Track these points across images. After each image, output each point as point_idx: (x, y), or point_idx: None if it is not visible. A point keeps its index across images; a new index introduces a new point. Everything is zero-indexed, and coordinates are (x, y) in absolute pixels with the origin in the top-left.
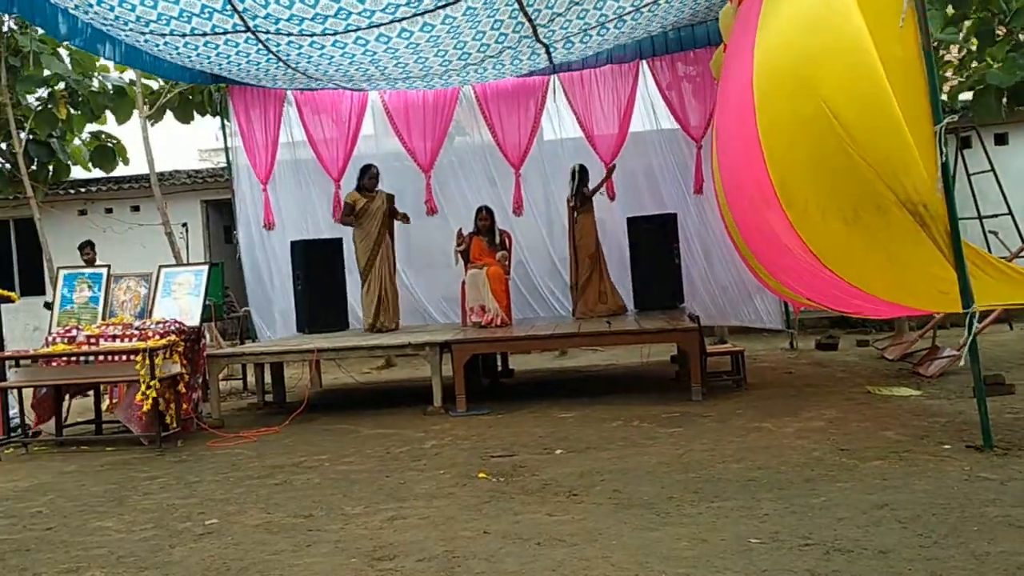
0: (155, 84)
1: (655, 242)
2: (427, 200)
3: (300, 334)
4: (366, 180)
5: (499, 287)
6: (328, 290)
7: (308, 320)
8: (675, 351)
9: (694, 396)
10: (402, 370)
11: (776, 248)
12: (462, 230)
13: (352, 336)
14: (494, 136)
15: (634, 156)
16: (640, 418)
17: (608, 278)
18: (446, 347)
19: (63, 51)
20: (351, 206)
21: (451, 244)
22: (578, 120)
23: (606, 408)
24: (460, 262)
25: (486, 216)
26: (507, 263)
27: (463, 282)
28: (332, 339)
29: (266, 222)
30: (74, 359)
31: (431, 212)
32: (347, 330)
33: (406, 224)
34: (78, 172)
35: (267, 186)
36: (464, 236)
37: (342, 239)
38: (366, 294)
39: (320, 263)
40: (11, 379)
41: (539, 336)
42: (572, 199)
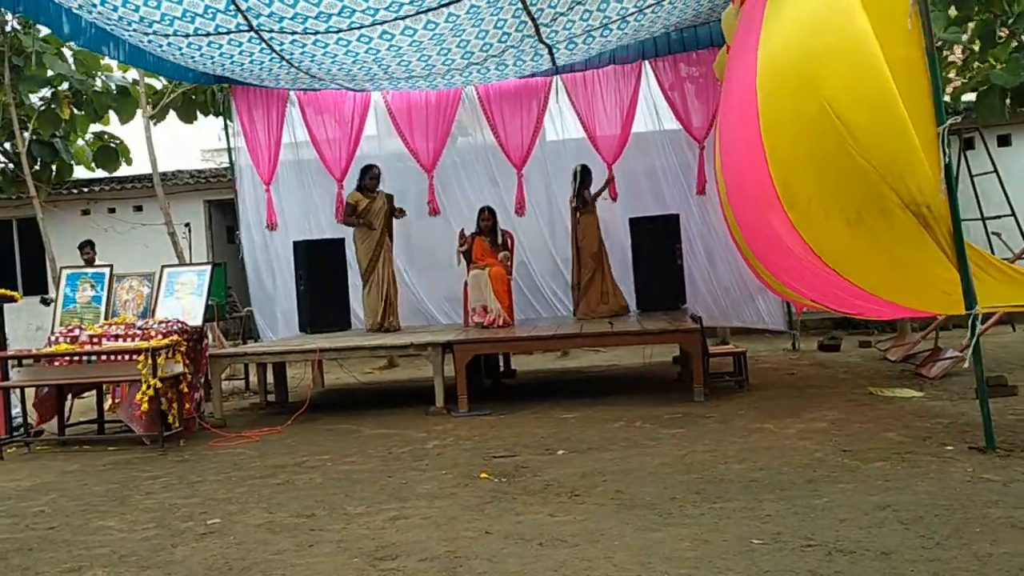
0: (158, 84)
1: (657, 243)
2: (429, 200)
3: (302, 334)
4: (367, 180)
5: (501, 287)
6: (330, 290)
7: (310, 320)
8: (677, 352)
9: (696, 397)
10: (404, 370)
11: (779, 249)
12: (464, 230)
13: (354, 336)
14: (496, 136)
15: (636, 157)
16: (642, 419)
17: (611, 278)
18: (448, 347)
19: (66, 51)
20: (353, 206)
21: (453, 244)
22: (580, 121)
23: (608, 409)
24: (462, 262)
25: (488, 216)
26: (509, 263)
27: (465, 282)
28: (334, 339)
29: (269, 222)
30: (76, 359)
31: (433, 212)
32: (349, 330)
33: (402, 219)
34: (81, 172)
35: (270, 186)
36: (466, 236)
37: (344, 239)
38: (368, 295)
39: (322, 263)
40: (14, 378)
41: (541, 337)
42: (574, 200)
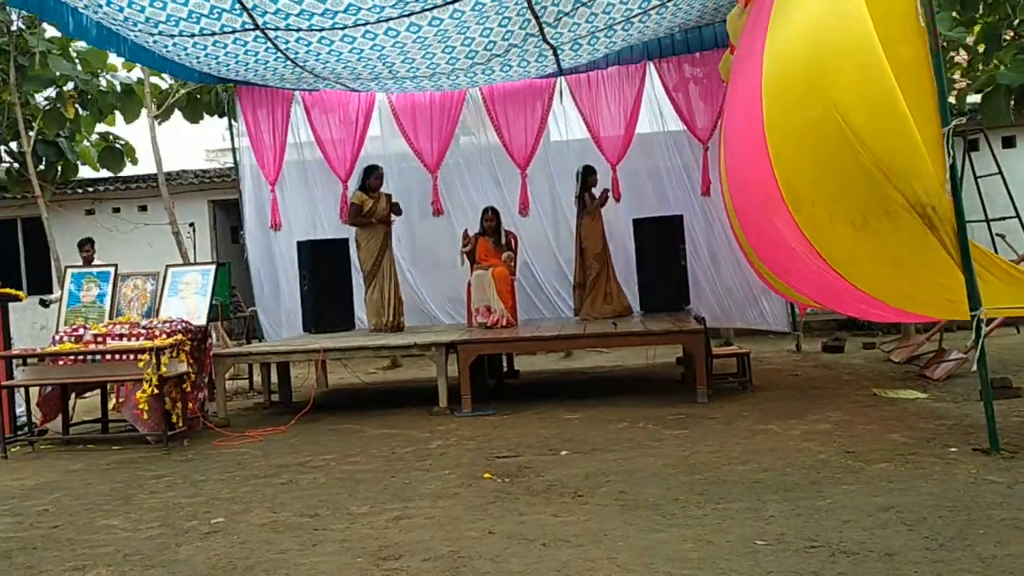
0: (164, 83)
1: (661, 244)
2: (433, 201)
3: (306, 334)
4: (372, 180)
5: (505, 288)
6: (334, 290)
7: (314, 320)
8: (681, 353)
9: (700, 398)
10: (407, 370)
11: (783, 251)
12: (468, 231)
13: (358, 336)
14: (500, 137)
15: (640, 158)
16: (646, 420)
17: (615, 279)
18: (452, 348)
19: (71, 51)
20: (359, 207)
21: (457, 245)
22: (584, 121)
23: (612, 409)
24: (466, 263)
25: (492, 217)
26: (513, 264)
27: (469, 283)
28: (338, 339)
29: (273, 222)
30: (81, 358)
31: (437, 213)
32: (353, 330)
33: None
34: (86, 171)
35: (275, 187)
36: (470, 237)
37: (348, 239)
38: (371, 295)
39: (326, 263)
40: (18, 377)
41: (545, 337)
42: (577, 200)
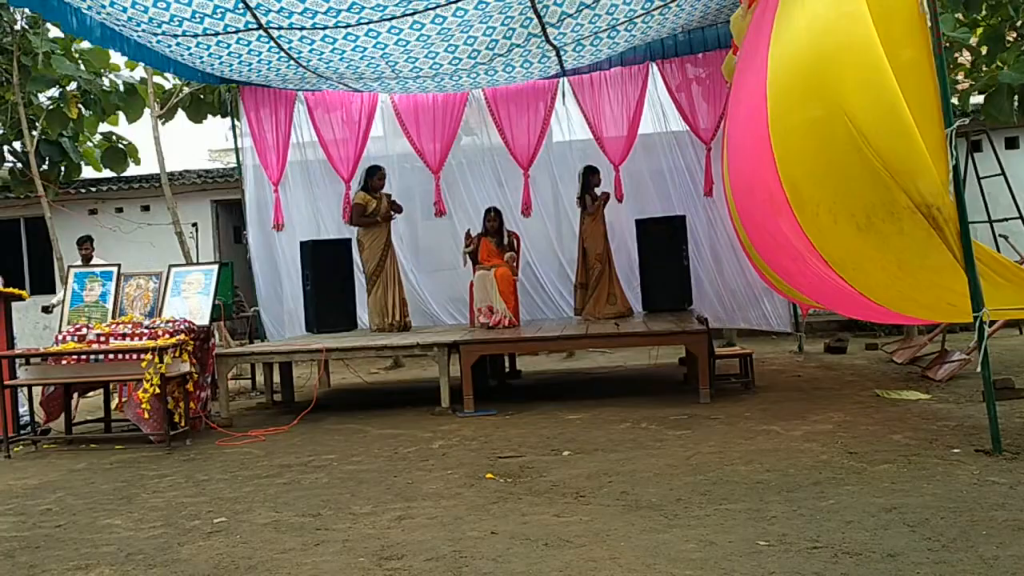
0: (167, 83)
1: (664, 244)
2: (436, 201)
3: (309, 334)
4: (375, 180)
5: (507, 288)
6: (337, 290)
7: (317, 320)
8: (683, 353)
9: (702, 398)
10: (410, 371)
11: (786, 252)
12: (471, 231)
13: (360, 336)
14: (503, 137)
15: (643, 158)
16: (648, 420)
17: (617, 280)
18: (454, 348)
19: (74, 51)
20: (363, 207)
21: (459, 245)
22: (587, 122)
23: (614, 410)
24: (468, 263)
25: (494, 217)
26: (515, 264)
27: (471, 283)
28: (340, 339)
29: (276, 223)
30: (84, 357)
31: (440, 213)
32: (355, 330)
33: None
34: (89, 171)
35: (278, 187)
36: (473, 237)
37: (350, 240)
38: (375, 296)
39: (329, 263)
40: (21, 377)
41: (547, 337)
42: (579, 201)
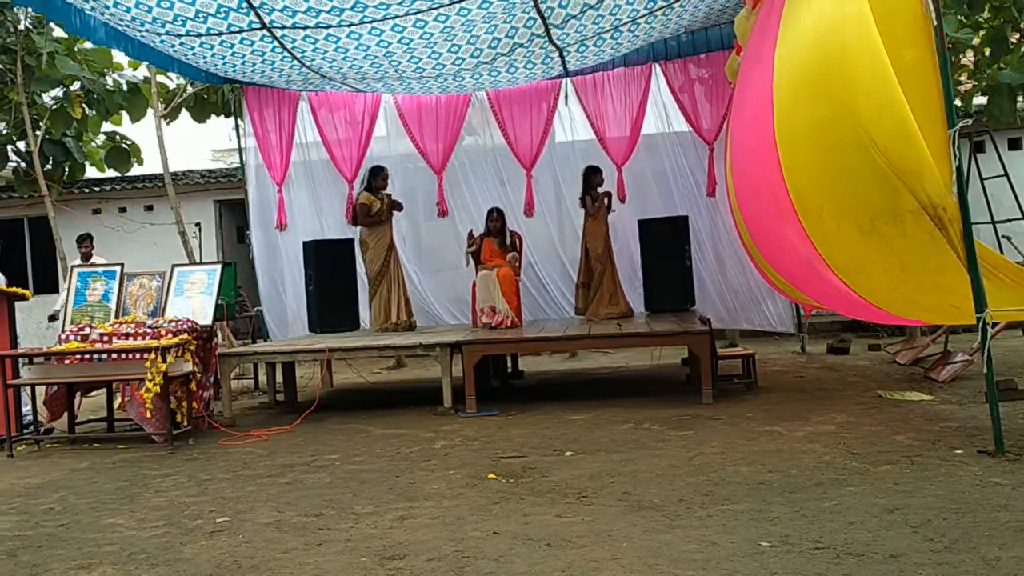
0: (171, 83)
1: (666, 244)
2: (438, 202)
3: (312, 334)
4: (378, 181)
5: (510, 288)
6: (339, 290)
7: (319, 320)
8: (686, 354)
9: (704, 399)
10: (412, 371)
11: (790, 255)
12: (473, 231)
13: (363, 336)
14: (506, 138)
15: (646, 158)
16: (650, 421)
17: (618, 281)
18: (456, 348)
19: (77, 51)
20: (368, 207)
21: (462, 245)
22: (590, 122)
23: (616, 410)
24: (471, 263)
25: (497, 217)
26: (518, 264)
27: (473, 283)
28: (343, 339)
29: (279, 223)
30: (87, 357)
31: (442, 214)
32: (358, 330)
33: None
34: (92, 171)
35: (281, 187)
36: (475, 237)
37: (353, 240)
38: (378, 296)
39: (332, 263)
40: (24, 376)
41: (549, 338)
42: (580, 202)
